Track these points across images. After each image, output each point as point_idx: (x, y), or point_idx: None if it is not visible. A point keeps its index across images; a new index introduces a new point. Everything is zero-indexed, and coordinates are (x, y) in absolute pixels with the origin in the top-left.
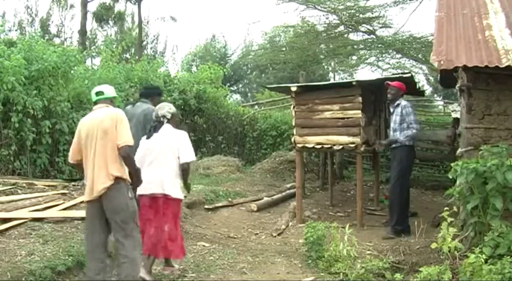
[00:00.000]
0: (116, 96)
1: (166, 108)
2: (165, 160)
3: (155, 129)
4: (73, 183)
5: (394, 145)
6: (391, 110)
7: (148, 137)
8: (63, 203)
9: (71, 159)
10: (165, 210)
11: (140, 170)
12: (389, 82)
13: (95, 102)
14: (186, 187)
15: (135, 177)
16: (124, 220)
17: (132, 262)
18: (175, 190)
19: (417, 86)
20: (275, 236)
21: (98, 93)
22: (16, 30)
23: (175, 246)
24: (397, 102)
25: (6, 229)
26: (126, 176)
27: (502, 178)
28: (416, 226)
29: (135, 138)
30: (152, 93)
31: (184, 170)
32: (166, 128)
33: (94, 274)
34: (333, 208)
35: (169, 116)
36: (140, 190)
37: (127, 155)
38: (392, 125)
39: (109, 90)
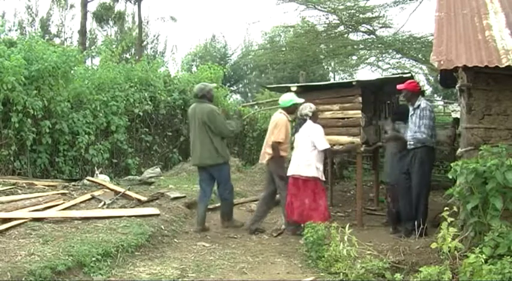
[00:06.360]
0: (288, 105)
1: (307, 108)
2: (302, 149)
3: (300, 125)
4: (73, 183)
5: (414, 146)
6: (411, 111)
7: (296, 131)
8: (63, 203)
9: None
10: (305, 187)
11: (277, 155)
12: (398, 86)
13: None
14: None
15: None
16: (277, 176)
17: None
18: (309, 171)
19: None
20: (275, 236)
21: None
22: (16, 30)
23: (317, 214)
24: (417, 103)
25: (6, 229)
26: (275, 154)
27: (502, 178)
28: (416, 226)
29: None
30: (405, 114)
31: (326, 155)
32: (307, 123)
33: (264, 207)
34: (333, 208)
35: (310, 114)
36: (288, 172)
37: (274, 147)
38: (411, 126)
39: (284, 102)
